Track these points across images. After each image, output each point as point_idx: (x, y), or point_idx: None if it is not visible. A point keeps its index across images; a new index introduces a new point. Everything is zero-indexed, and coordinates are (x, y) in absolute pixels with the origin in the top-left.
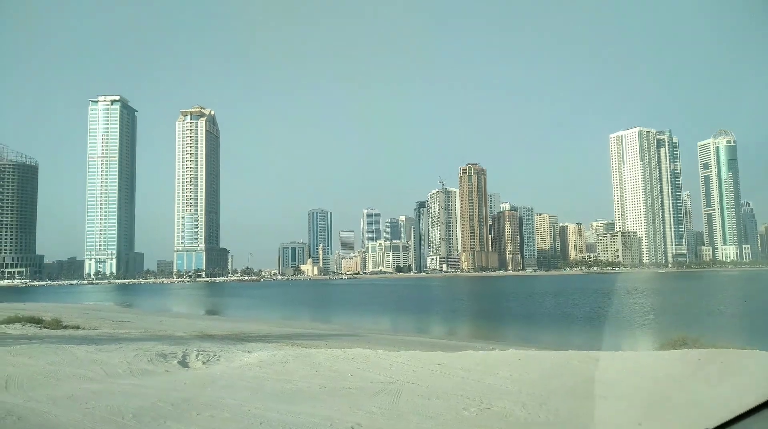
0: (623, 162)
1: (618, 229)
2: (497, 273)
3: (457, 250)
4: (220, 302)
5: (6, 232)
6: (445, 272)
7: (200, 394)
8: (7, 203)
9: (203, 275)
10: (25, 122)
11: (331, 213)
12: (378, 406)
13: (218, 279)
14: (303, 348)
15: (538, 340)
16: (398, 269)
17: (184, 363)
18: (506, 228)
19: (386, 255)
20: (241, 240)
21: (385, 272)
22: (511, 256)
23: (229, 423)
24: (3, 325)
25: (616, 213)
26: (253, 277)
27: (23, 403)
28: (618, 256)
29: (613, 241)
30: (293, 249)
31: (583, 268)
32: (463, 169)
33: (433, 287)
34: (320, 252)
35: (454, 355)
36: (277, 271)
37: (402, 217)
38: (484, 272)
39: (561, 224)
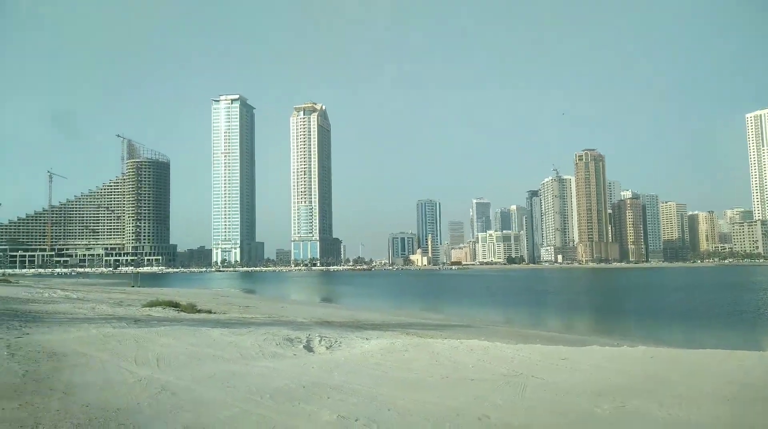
0: (762, 143)
1: (757, 218)
2: (618, 265)
3: (573, 241)
4: (334, 290)
5: (145, 223)
6: (560, 264)
7: (328, 378)
8: (144, 197)
9: (318, 264)
10: (158, 122)
11: (439, 203)
12: (503, 398)
13: (332, 268)
14: (419, 337)
15: (669, 337)
16: (510, 260)
17: (309, 348)
18: (627, 217)
19: (497, 246)
20: (353, 230)
21: (495, 263)
22: (633, 247)
23: (359, 407)
24: (147, 308)
25: (755, 200)
26: (365, 267)
27: (174, 381)
28: (757, 247)
29: (751, 230)
30: (402, 239)
31: (716, 260)
32: (579, 156)
33: (547, 279)
34: (429, 242)
35: (578, 350)
36: (387, 261)
37: (513, 207)
38: (603, 264)
39: (690, 213)
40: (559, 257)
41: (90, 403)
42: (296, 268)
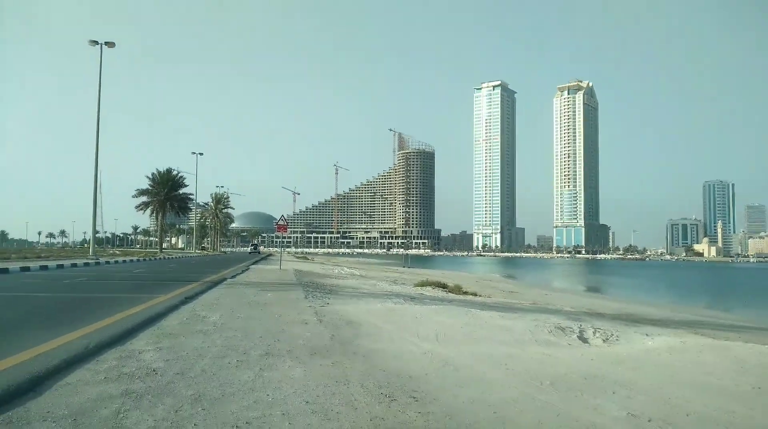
0: None
1: None
2: None
3: None
4: (601, 280)
5: (413, 209)
6: None
7: (609, 372)
8: (413, 185)
9: (583, 252)
10: (423, 114)
11: (733, 184)
12: None
13: (598, 256)
14: (712, 339)
15: None
16: None
17: (583, 338)
18: None
19: None
20: (622, 216)
21: None
22: None
23: (649, 407)
24: (419, 288)
25: None
26: (637, 256)
27: (454, 356)
28: None
29: None
30: (684, 226)
31: None
32: None
33: None
34: (719, 230)
35: None
36: (664, 250)
37: None
38: None
39: None
40: None
41: (386, 368)
42: (558, 255)
